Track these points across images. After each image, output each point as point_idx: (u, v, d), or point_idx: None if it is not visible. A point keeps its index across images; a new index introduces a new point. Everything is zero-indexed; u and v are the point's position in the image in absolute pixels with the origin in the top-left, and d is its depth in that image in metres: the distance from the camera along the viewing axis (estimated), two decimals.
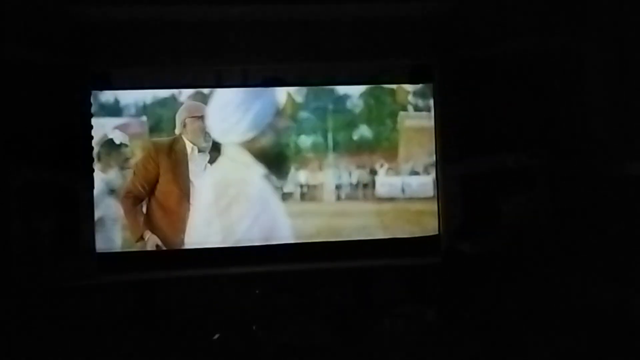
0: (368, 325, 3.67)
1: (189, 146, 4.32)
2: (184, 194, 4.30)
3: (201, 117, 4.33)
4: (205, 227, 4.33)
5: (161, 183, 4.30)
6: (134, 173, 4.29)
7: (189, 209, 4.31)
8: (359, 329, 3.62)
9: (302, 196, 4.45)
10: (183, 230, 4.31)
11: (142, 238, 4.28)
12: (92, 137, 4.20)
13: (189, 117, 4.33)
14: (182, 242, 4.30)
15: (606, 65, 3.97)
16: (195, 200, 4.31)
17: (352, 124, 4.49)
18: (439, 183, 4.49)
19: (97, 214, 4.22)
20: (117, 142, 4.29)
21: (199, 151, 4.32)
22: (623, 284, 3.51)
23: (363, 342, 3.46)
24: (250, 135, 4.38)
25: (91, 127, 4.20)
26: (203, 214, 4.33)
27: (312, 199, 4.46)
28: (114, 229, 4.27)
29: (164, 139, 4.33)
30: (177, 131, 4.32)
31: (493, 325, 3.46)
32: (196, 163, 4.32)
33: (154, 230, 4.29)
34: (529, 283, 3.82)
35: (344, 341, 3.46)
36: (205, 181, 4.33)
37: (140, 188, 4.28)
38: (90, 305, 3.89)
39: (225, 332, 3.55)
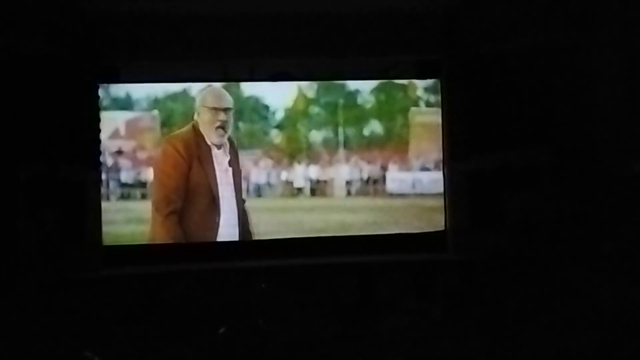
0: (373, 321, 3.66)
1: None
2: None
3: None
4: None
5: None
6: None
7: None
8: (365, 324, 3.62)
9: (312, 192, 4.49)
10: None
11: None
12: (99, 131, 4.21)
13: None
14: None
15: (613, 63, 3.96)
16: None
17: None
18: (445, 179, 4.48)
19: None
20: None
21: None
22: (628, 281, 3.50)
23: (368, 337, 3.46)
24: None
25: (99, 120, 4.21)
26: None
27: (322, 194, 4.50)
28: None
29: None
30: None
31: (498, 321, 3.46)
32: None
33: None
34: (534, 279, 3.81)
35: (349, 336, 3.46)
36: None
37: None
38: (96, 298, 3.90)
39: (231, 325, 3.56)
